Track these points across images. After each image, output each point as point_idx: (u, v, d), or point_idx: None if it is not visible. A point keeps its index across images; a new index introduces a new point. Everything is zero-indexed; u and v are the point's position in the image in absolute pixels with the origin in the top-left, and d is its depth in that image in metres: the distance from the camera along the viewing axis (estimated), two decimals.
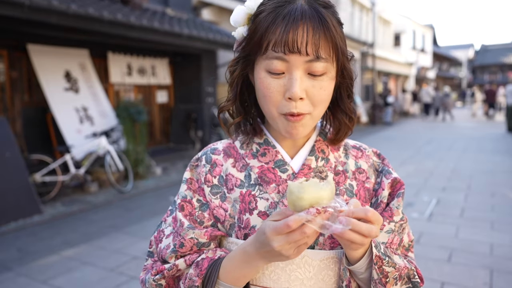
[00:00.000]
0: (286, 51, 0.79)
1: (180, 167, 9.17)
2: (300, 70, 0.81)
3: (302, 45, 0.78)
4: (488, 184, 7.16)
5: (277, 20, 0.80)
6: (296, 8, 0.80)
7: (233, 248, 0.88)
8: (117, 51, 8.76)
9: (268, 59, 0.82)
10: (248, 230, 0.88)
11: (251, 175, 0.92)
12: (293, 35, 0.78)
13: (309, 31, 0.79)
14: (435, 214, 5.50)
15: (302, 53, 0.79)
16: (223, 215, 0.91)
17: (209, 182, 0.94)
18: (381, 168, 1.00)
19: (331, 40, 0.81)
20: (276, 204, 0.89)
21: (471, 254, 4.13)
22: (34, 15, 5.70)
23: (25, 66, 7.24)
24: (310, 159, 0.93)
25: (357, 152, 1.02)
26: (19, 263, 4.22)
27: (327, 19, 0.80)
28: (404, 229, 0.96)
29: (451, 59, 43.26)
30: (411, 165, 9.01)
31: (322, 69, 0.82)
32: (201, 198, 0.93)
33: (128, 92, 9.33)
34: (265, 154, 0.94)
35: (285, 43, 0.79)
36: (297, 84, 0.80)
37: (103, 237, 4.95)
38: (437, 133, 15.71)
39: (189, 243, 0.89)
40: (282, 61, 0.81)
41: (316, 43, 0.79)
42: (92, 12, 6.33)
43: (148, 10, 8.76)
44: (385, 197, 0.95)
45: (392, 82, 26.33)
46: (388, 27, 26.07)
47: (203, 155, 0.98)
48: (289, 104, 0.83)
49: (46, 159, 6.56)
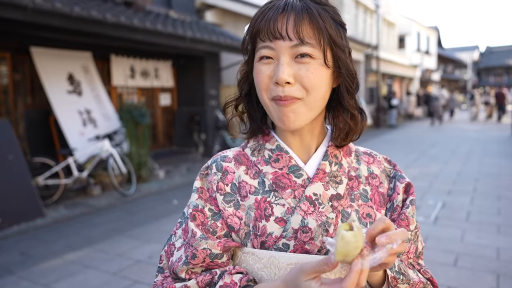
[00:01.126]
0: (271, 37, 0.83)
1: (183, 170, 9.15)
2: (286, 55, 0.83)
3: (283, 29, 0.82)
4: (494, 187, 7.10)
5: (264, 12, 0.85)
6: (286, 2, 0.84)
7: (249, 259, 0.87)
8: (120, 54, 8.76)
9: (258, 48, 0.86)
10: (265, 238, 0.86)
11: (265, 181, 0.91)
12: (275, 22, 0.82)
13: (291, 17, 0.82)
14: (440, 218, 5.45)
15: (285, 37, 0.82)
16: (237, 223, 0.90)
17: (221, 190, 0.92)
18: (393, 174, 1.00)
19: (316, 26, 0.83)
20: (293, 210, 0.88)
21: (477, 258, 4.09)
22: (37, 17, 5.70)
23: (28, 69, 7.25)
24: (324, 163, 0.92)
25: (369, 158, 1.02)
26: (22, 267, 4.22)
27: (312, 8, 0.83)
28: (418, 236, 0.97)
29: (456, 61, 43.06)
30: (416, 168, 8.96)
31: (308, 51, 0.83)
32: (213, 208, 0.91)
33: (131, 95, 9.33)
34: (278, 160, 0.93)
35: (268, 30, 0.83)
36: (283, 69, 0.82)
37: (106, 241, 4.93)
38: (442, 136, 15.64)
39: (201, 254, 0.86)
40: (269, 48, 0.84)
41: (298, 28, 0.82)
42: (95, 14, 6.33)
43: (151, 13, 8.77)
44: (401, 201, 0.95)
45: (396, 84, 26.25)
46: (393, 29, 26.00)
47: (213, 163, 0.96)
48: (276, 88, 0.84)
49: (49, 162, 6.54)
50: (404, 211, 0.93)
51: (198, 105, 10.41)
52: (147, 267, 4.17)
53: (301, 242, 0.85)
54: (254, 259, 0.87)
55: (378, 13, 19.32)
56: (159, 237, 5.00)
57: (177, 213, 5.92)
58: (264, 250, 0.86)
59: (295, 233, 0.85)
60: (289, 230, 0.86)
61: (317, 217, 0.87)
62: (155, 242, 4.86)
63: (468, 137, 14.89)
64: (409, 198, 0.95)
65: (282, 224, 0.87)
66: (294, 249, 0.85)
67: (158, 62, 9.85)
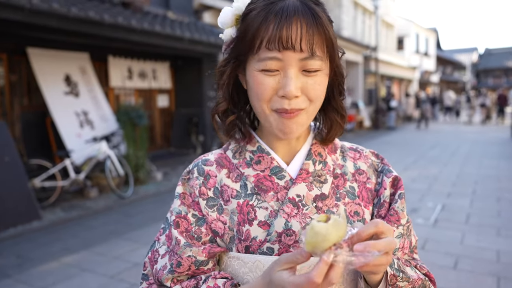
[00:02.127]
0: (280, 47, 0.77)
1: (181, 172, 9.06)
2: (294, 67, 0.79)
3: (296, 40, 0.76)
4: (494, 189, 7.08)
5: (269, 17, 0.78)
6: (289, 4, 0.78)
7: (234, 264, 0.86)
8: (117, 55, 8.73)
9: (261, 58, 0.80)
10: (249, 242, 0.85)
11: (247, 184, 0.89)
12: (287, 31, 0.76)
13: (303, 27, 0.77)
14: (440, 220, 5.43)
15: (297, 49, 0.77)
16: (222, 228, 0.88)
17: (204, 195, 0.90)
18: (381, 168, 0.98)
19: (325, 37, 0.80)
20: (276, 213, 0.86)
21: (478, 261, 4.07)
22: (34, 18, 5.69)
23: (24, 70, 7.20)
24: (307, 163, 0.90)
25: (355, 153, 1.00)
26: (18, 270, 4.20)
27: (320, 15, 0.79)
28: (411, 230, 0.95)
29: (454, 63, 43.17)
30: (415, 170, 8.93)
31: (317, 66, 0.80)
32: (197, 213, 0.89)
33: (129, 96, 9.30)
34: (260, 161, 0.90)
35: (279, 39, 0.76)
36: (292, 83, 0.79)
37: (103, 244, 4.92)
38: (441, 138, 15.62)
39: (186, 262, 0.84)
40: (276, 60, 0.79)
41: (311, 39, 0.77)
42: (93, 15, 6.33)
43: (149, 14, 8.74)
44: (388, 196, 0.93)
45: (395, 86, 26.27)
46: (391, 31, 26.03)
47: (195, 167, 0.94)
48: (281, 100, 0.81)
49: (45, 164, 6.50)
50: (393, 206, 0.91)
51: (196, 107, 10.38)
52: None
53: (286, 245, 0.83)
54: (240, 264, 0.86)
55: (377, 14, 19.31)
56: None
57: None
58: (249, 254, 0.85)
59: (279, 236, 0.84)
60: (273, 234, 0.84)
61: (301, 219, 0.85)
62: None
63: (467, 139, 14.89)
64: (397, 192, 0.93)
65: (266, 228, 0.85)
66: (279, 252, 0.83)
67: (155, 63, 9.81)
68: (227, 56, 0.89)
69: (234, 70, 0.88)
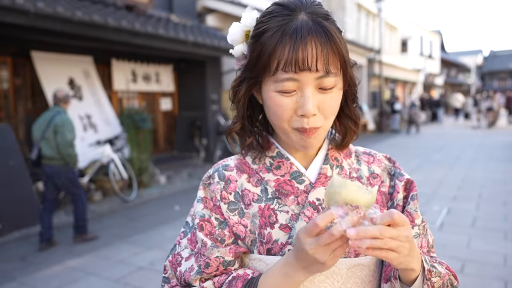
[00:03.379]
0: (297, 69, 0.79)
1: (184, 176, 9.09)
2: (311, 86, 0.82)
3: (312, 62, 0.79)
4: (500, 193, 7.01)
5: (285, 39, 0.80)
6: (302, 25, 0.80)
7: (256, 265, 0.89)
8: (121, 58, 8.74)
9: (278, 80, 0.82)
10: (270, 245, 0.88)
11: (267, 189, 0.92)
12: (302, 53, 0.78)
13: (318, 47, 0.79)
14: (446, 224, 5.39)
15: (313, 70, 0.79)
16: (243, 231, 0.91)
17: (225, 199, 0.92)
18: (393, 171, 1.01)
19: (339, 54, 0.82)
20: (297, 216, 0.89)
21: (484, 265, 4.04)
22: (39, 22, 5.72)
23: (28, 73, 7.22)
24: (325, 167, 0.94)
25: (369, 157, 1.03)
26: (23, 273, 4.22)
27: (332, 32, 0.81)
28: (426, 230, 0.98)
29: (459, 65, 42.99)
30: (420, 174, 8.87)
31: (332, 83, 0.83)
32: (219, 216, 0.92)
33: (132, 99, 9.29)
34: (280, 167, 0.93)
35: (296, 61, 0.79)
36: (310, 102, 0.81)
37: (107, 247, 4.93)
38: (446, 141, 15.53)
39: (215, 262, 0.87)
40: (293, 81, 0.81)
41: (325, 59, 0.80)
42: (97, 19, 6.35)
43: (152, 17, 8.75)
44: (401, 199, 0.96)
45: (399, 88, 26.18)
46: (395, 33, 25.97)
47: (215, 172, 0.97)
48: (301, 120, 0.83)
49: None
50: (406, 208, 0.95)
51: (199, 110, 10.37)
52: (149, 274, 4.14)
53: None
54: (262, 265, 0.88)
55: (380, 16, 19.26)
56: (161, 243, 4.95)
57: (179, 219, 5.88)
58: (271, 256, 0.87)
59: None
60: (295, 236, 0.84)
61: None
62: (157, 248, 4.82)
63: (473, 142, 14.78)
64: (410, 194, 0.96)
65: (287, 231, 0.88)
66: None
67: (159, 67, 9.82)
68: (241, 74, 0.91)
69: (249, 90, 0.90)
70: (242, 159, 0.98)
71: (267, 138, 0.97)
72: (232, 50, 0.92)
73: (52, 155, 4.88)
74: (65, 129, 4.82)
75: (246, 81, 0.89)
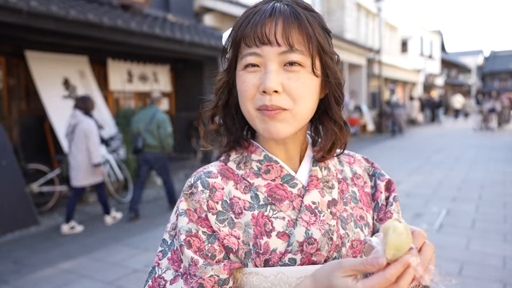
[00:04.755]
0: (258, 43, 0.78)
1: (181, 177, 9.03)
2: (274, 62, 0.79)
3: (271, 34, 0.77)
4: (500, 194, 6.96)
5: (249, 17, 0.81)
6: (273, 6, 0.80)
7: (253, 280, 0.81)
8: (117, 58, 8.68)
9: (242, 55, 0.82)
10: (268, 255, 0.81)
11: (258, 195, 0.86)
12: (263, 27, 0.78)
13: (279, 22, 0.78)
14: (445, 225, 5.35)
15: (273, 43, 0.78)
16: (235, 243, 0.83)
17: (213, 210, 0.83)
18: (373, 172, 1.00)
19: (305, 32, 0.79)
20: (294, 222, 0.84)
21: (483, 267, 4.02)
22: (32, 21, 5.66)
23: (22, 73, 7.17)
24: (315, 169, 0.90)
25: (349, 158, 1.02)
26: (15, 276, 4.18)
27: (301, 14, 0.79)
28: None
29: (459, 65, 42.90)
30: (420, 175, 8.84)
31: (297, 59, 0.79)
32: (206, 230, 0.82)
33: (128, 100, 9.23)
34: (269, 171, 0.88)
35: (255, 35, 0.78)
36: (271, 77, 0.78)
37: (102, 249, 4.90)
38: (446, 142, 15.48)
39: (209, 283, 0.77)
40: (255, 55, 0.79)
41: (287, 33, 0.77)
42: (92, 18, 6.30)
43: (149, 16, 8.71)
44: (384, 199, 0.96)
45: (399, 89, 26.12)
46: (395, 33, 25.91)
47: (198, 180, 0.87)
48: (263, 97, 0.79)
49: (43, 168, 6.48)
50: (390, 209, 0.93)
51: (196, 110, 10.29)
52: (144, 276, 4.11)
53: (308, 254, 0.82)
54: (259, 279, 0.81)
55: (380, 16, 19.19)
56: (156, 245, 4.87)
57: None
58: (269, 267, 0.81)
59: (300, 246, 0.81)
60: (294, 244, 0.82)
61: (320, 227, 0.84)
62: (152, 250, 4.80)
63: (473, 143, 14.74)
64: (391, 195, 0.96)
65: (286, 239, 0.82)
66: (301, 263, 0.81)
67: (156, 67, 9.76)
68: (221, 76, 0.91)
69: (229, 78, 0.89)
70: (224, 165, 0.91)
71: (250, 142, 0.92)
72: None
73: (154, 144, 6.00)
74: (166, 124, 5.97)
75: (227, 71, 0.89)
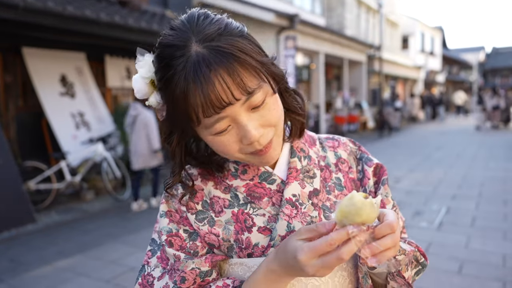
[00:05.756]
0: (218, 110, 0.73)
1: None
2: (242, 114, 0.75)
3: (228, 96, 0.71)
4: (501, 192, 6.90)
5: (190, 88, 0.71)
6: (199, 60, 0.71)
7: (238, 270, 0.84)
8: (115, 54, 8.62)
9: (207, 126, 0.76)
10: (251, 250, 0.84)
11: (238, 195, 0.87)
12: (214, 93, 0.71)
13: (226, 79, 0.71)
14: (444, 223, 5.31)
15: (233, 102, 0.72)
16: (215, 240, 0.85)
17: (192, 210, 0.87)
18: (360, 155, 0.99)
19: (251, 67, 0.73)
20: (275, 217, 0.85)
21: (483, 266, 4.00)
22: (29, 17, 5.63)
23: (19, 70, 7.11)
24: (294, 161, 0.90)
25: (333, 142, 1.00)
26: (12, 274, 4.17)
27: (232, 51, 0.71)
28: (398, 213, 0.96)
29: (461, 62, 42.78)
30: (420, 172, 8.79)
31: (261, 98, 0.76)
32: (188, 228, 0.86)
33: (126, 97, 9.18)
34: (246, 171, 0.89)
35: (212, 104, 0.72)
36: (250, 129, 0.76)
37: (99, 247, 4.89)
38: (446, 139, 15.42)
39: (191, 275, 0.82)
40: (221, 119, 0.75)
41: (240, 84, 0.72)
42: (89, 14, 6.28)
43: (147, 12, 8.68)
44: (372, 186, 0.95)
45: (400, 86, 26.06)
46: (396, 30, 25.82)
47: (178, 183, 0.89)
48: (251, 145, 0.78)
49: (40, 166, 6.46)
50: (377, 193, 0.93)
51: None
52: None
53: None
54: (244, 269, 0.84)
55: (381, 12, 19.10)
56: None
57: None
58: (253, 258, 0.83)
59: (283, 239, 0.82)
60: (277, 238, 0.83)
61: (302, 219, 0.85)
62: None
63: (474, 140, 14.66)
64: (381, 179, 0.95)
65: (267, 233, 0.84)
66: None
67: None
68: (167, 126, 0.83)
69: (182, 140, 0.84)
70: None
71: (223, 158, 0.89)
72: (147, 102, 0.83)
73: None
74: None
75: (175, 134, 0.82)
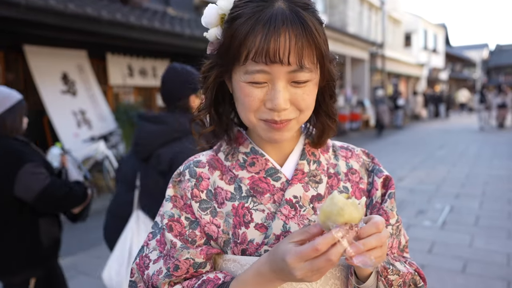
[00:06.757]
0: (268, 61, 0.75)
1: None
2: (283, 80, 0.78)
3: (284, 55, 0.74)
4: (504, 190, 6.86)
5: (257, 28, 0.74)
6: (277, 13, 0.74)
7: (231, 266, 0.85)
8: (116, 52, 8.62)
9: (248, 71, 0.78)
10: (245, 245, 0.84)
11: (241, 187, 0.88)
12: (274, 44, 0.73)
13: (292, 39, 0.74)
14: (448, 222, 5.29)
15: (285, 63, 0.75)
16: (215, 231, 0.87)
17: (196, 198, 0.88)
18: (372, 167, 0.98)
19: (315, 47, 0.77)
20: (273, 215, 0.85)
21: (487, 265, 3.99)
22: (30, 15, 5.63)
23: (21, 68, 7.13)
24: (302, 163, 0.90)
25: (347, 152, 1.00)
26: None
27: (310, 23, 0.76)
28: (400, 230, 0.96)
29: (464, 59, 42.63)
30: (423, 171, 8.75)
31: (306, 78, 0.79)
32: (189, 216, 0.88)
33: (128, 95, 9.18)
34: (254, 163, 0.90)
35: (267, 53, 0.74)
36: (280, 96, 0.77)
37: (100, 246, 4.83)
38: (449, 137, 15.36)
39: (184, 264, 0.83)
40: (263, 73, 0.77)
41: (299, 52, 0.75)
42: (91, 11, 6.27)
43: (148, 10, 8.69)
44: (379, 197, 0.94)
45: (402, 84, 25.96)
46: (398, 27, 25.71)
47: (186, 169, 0.92)
48: (271, 112, 0.80)
49: None
50: (383, 206, 0.92)
51: None
52: None
53: None
54: (236, 266, 0.85)
55: (383, 10, 19.05)
56: None
57: None
58: (246, 256, 0.84)
59: (277, 239, 0.83)
60: (271, 236, 0.84)
61: (299, 221, 0.85)
62: None
63: (477, 139, 14.60)
64: (388, 192, 0.94)
65: (263, 231, 0.85)
66: None
67: (155, 61, 9.70)
68: (212, 60, 0.87)
69: (218, 77, 0.86)
70: (215, 155, 0.94)
71: (241, 134, 0.93)
72: (206, 33, 0.86)
73: None
74: None
75: (217, 68, 0.85)
